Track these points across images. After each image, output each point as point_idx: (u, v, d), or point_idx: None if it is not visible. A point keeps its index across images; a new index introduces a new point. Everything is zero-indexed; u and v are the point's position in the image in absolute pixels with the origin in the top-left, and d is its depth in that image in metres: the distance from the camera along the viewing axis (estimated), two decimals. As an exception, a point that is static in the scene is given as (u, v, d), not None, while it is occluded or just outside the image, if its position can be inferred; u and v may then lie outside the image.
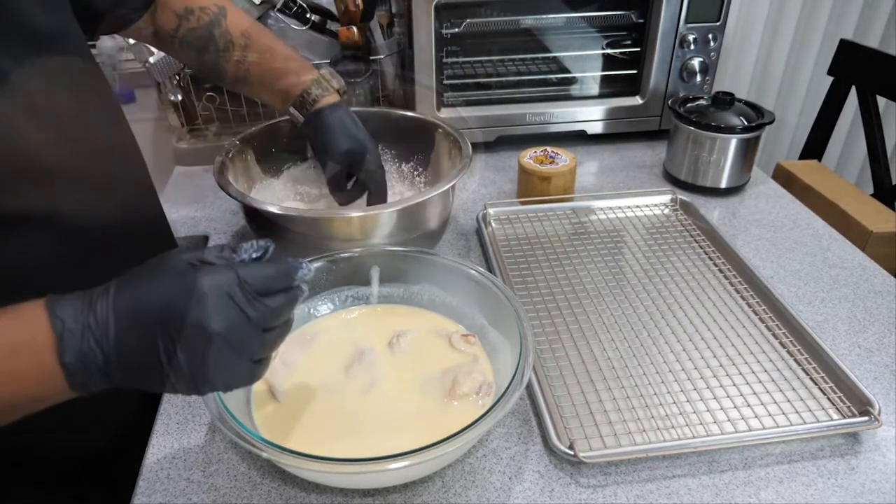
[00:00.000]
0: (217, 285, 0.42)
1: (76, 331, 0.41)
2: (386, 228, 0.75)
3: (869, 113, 1.32)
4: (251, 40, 0.76)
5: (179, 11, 0.73)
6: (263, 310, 0.43)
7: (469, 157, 0.81)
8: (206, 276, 0.42)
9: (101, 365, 0.41)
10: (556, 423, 0.61)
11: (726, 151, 0.98)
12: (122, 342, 0.41)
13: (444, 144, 0.90)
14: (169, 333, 0.41)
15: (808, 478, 0.58)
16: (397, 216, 0.75)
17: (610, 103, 1.16)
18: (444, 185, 0.76)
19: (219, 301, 0.41)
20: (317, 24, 1.14)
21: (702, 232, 0.91)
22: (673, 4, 1.06)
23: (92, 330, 0.41)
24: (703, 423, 0.61)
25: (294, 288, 0.46)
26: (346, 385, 0.62)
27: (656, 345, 0.71)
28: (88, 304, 0.42)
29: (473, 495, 0.57)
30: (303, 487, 0.57)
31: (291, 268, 0.46)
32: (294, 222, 0.76)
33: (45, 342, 0.41)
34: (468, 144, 0.84)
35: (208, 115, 1.17)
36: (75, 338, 0.41)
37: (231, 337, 0.42)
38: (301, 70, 0.78)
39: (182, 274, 0.42)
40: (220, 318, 0.41)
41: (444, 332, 0.68)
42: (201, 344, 0.41)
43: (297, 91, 0.78)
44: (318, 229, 0.75)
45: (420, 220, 0.79)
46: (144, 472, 0.59)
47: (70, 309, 0.42)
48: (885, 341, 0.73)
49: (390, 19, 1.17)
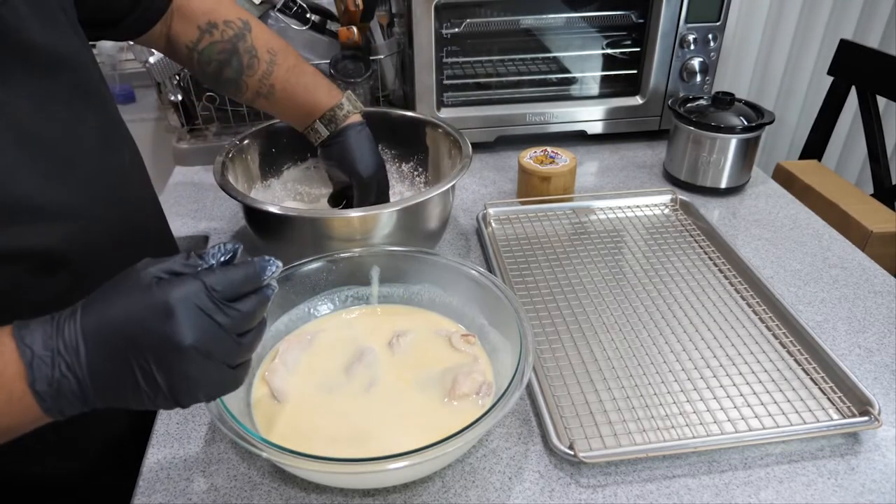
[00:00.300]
0: (185, 297, 0.41)
1: (46, 357, 0.40)
2: (386, 228, 0.75)
3: (869, 113, 1.32)
4: (277, 57, 0.75)
5: (202, 25, 0.72)
6: (235, 315, 0.43)
7: (469, 157, 0.81)
8: (172, 289, 0.41)
9: (76, 390, 0.41)
10: (556, 423, 0.61)
11: (726, 151, 0.98)
12: (94, 364, 0.41)
13: (443, 144, 0.90)
14: (141, 352, 0.40)
15: (808, 478, 0.58)
16: (397, 216, 0.75)
17: (610, 103, 1.16)
18: (444, 185, 0.76)
19: (188, 313, 0.41)
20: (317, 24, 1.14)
21: (702, 232, 0.91)
22: (673, 4, 1.06)
23: (62, 355, 0.40)
24: (703, 423, 0.61)
25: (263, 287, 0.45)
26: (346, 385, 0.62)
27: (656, 345, 0.71)
28: (56, 328, 0.41)
29: (473, 495, 0.57)
30: (303, 487, 0.57)
31: (259, 267, 0.45)
32: (294, 222, 0.76)
33: (16, 372, 0.40)
34: (468, 144, 0.84)
35: (208, 115, 1.17)
36: (46, 365, 0.40)
37: (205, 347, 0.41)
38: (331, 87, 0.79)
39: (148, 288, 0.41)
40: (192, 330, 0.41)
41: (444, 332, 0.68)
42: (175, 359, 0.41)
43: (327, 106, 0.78)
44: (317, 229, 0.75)
45: (420, 220, 0.79)
46: (144, 472, 0.59)
47: (38, 335, 0.41)
48: (885, 341, 0.73)
49: (390, 19, 1.17)
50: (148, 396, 0.42)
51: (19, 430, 0.43)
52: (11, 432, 0.42)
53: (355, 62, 1.11)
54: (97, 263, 0.60)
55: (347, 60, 1.11)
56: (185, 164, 1.15)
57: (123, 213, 0.64)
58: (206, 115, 1.17)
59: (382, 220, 0.75)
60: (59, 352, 0.40)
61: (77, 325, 0.41)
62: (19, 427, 0.42)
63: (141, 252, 0.67)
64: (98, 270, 0.60)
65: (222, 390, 0.45)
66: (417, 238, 0.79)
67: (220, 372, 0.43)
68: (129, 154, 0.67)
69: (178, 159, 1.16)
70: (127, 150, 0.67)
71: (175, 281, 0.42)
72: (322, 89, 0.78)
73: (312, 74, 0.78)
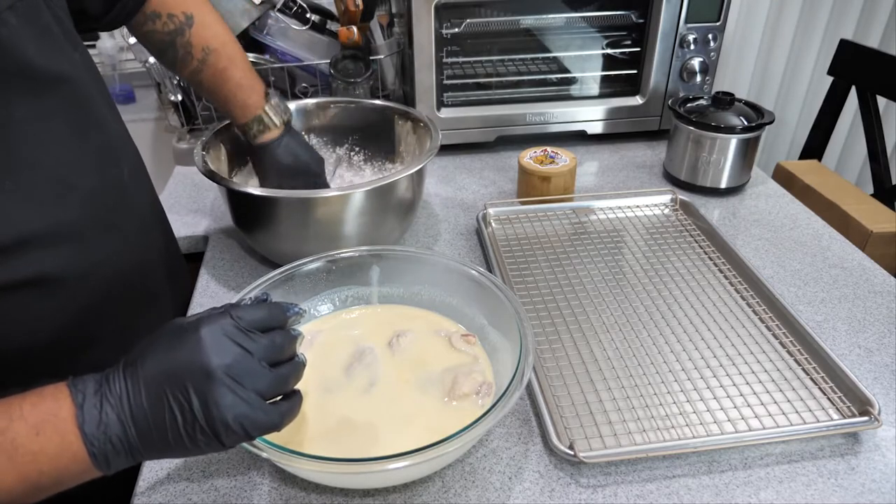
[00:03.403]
0: (211, 328, 0.44)
1: (95, 401, 0.42)
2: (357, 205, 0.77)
3: (869, 113, 1.32)
4: (209, 57, 0.76)
5: (147, 11, 0.73)
6: (262, 341, 0.45)
7: (437, 144, 0.83)
8: (202, 324, 0.44)
9: (121, 434, 0.42)
10: (556, 423, 0.61)
11: (726, 151, 0.98)
12: (136, 405, 0.42)
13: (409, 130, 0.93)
14: (175, 382, 0.42)
15: (808, 478, 0.58)
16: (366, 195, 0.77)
17: (610, 103, 1.16)
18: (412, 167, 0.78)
19: (215, 340, 0.43)
20: (317, 24, 1.14)
21: (702, 232, 0.91)
22: (673, 4, 1.06)
23: (108, 399, 0.43)
24: (703, 423, 0.61)
25: (289, 323, 0.48)
26: (346, 385, 0.62)
27: (656, 345, 0.71)
28: (105, 377, 0.44)
29: (473, 495, 0.57)
30: (303, 487, 0.58)
31: (284, 306, 0.48)
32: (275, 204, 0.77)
33: (68, 414, 0.42)
34: (437, 131, 0.86)
35: (208, 114, 1.17)
36: (95, 408, 0.42)
37: (233, 372, 0.43)
38: (248, 99, 0.79)
39: (181, 329, 0.44)
40: (219, 354, 0.43)
41: (444, 332, 0.68)
42: (207, 384, 0.42)
43: (241, 121, 0.80)
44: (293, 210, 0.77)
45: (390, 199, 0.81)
46: (144, 472, 0.59)
47: (90, 383, 0.43)
48: (885, 341, 0.73)
49: (390, 19, 1.17)
50: (188, 433, 0.43)
51: (65, 483, 0.43)
52: (58, 485, 0.43)
53: (355, 62, 1.11)
54: (96, 283, 0.60)
55: (347, 60, 1.11)
56: (185, 164, 1.15)
57: (122, 230, 0.64)
58: (206, 115, 1.17)
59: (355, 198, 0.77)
60: (105, 396, 0.43)
61: (120, 372, 0.44)
62: (66, 478, 0.43)
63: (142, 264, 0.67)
64: (97, 289, 0.60)
65: (259, 424, 0.44)
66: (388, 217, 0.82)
67: (254, 402, 0.44)
68: (129, 166, 0.67)
69: (178, 159, 1.16)
70: (126, 164, 0.66)
71: (204, 317, 0.45)
72: (237, 101, 0.78)
73: (235, 84, 0.78)
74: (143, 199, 0.71)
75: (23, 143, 0.53)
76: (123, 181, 0.65)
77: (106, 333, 0.62)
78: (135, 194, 0.68)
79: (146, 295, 0.69)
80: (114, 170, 0.64)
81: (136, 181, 0.69)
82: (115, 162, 0.64)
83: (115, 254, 0.62)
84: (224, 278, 0.85)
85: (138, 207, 0.69)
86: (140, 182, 0.70)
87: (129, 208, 0.66)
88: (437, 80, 1.08)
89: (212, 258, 0.89)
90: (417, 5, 1.01)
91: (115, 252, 0.62)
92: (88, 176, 0.59)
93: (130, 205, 0.66)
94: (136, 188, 0.69)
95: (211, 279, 0.85)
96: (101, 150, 0.62)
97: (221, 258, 0.89)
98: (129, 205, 0.66)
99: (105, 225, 0.61)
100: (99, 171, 0.61)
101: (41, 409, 0.42)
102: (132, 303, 0.66)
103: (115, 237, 0.63)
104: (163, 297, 0.73)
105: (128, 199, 0.66)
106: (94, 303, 0.60)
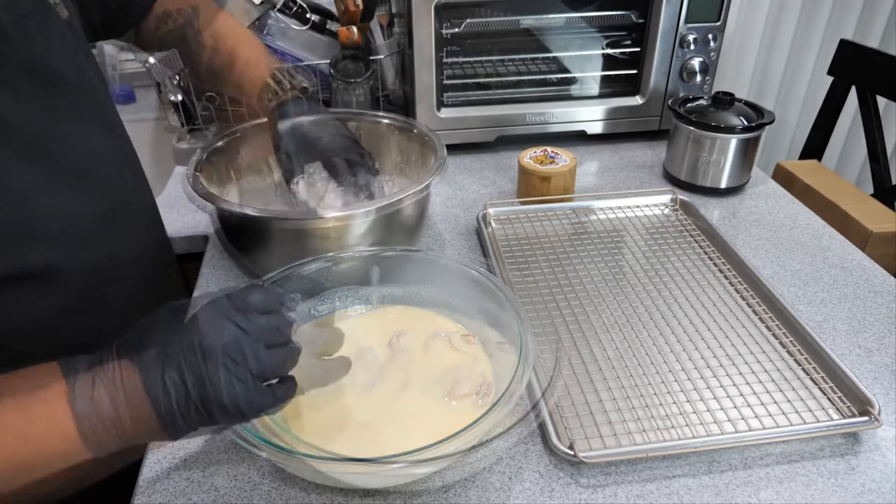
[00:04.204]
0: (208, 308, 0.44)
1: (87, 378, 0.42)
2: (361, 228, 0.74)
3: (869, 113, 1.32)
4: (218, 44, 0.77)
5: (159, 14, 0.75)
6: (257, 321, 0.44)
7: (444, 158, 0.80)
8: (198, 304, 0.45)
9: (112, 414, 0.41)
10: (556, 423, 0.61)
11: (726, 151, 0.98)
12: (129, 384, 0.42)
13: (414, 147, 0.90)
14: (171, 359, 0.42)
15: (808, 478, 0.58)
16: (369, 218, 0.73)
17: (610, 103, 1.16)
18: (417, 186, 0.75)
19: (211, 319, 0.43)
20: (317, 24, 1.14)
21: (702, 232, 0.91)
22: (673, 4, 1.06)
23: (101, 377, 0.42)
24: (703, 423, 0.61)
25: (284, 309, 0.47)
26: (347, 385, 0.62)
27: (656, 345, 0.71)
28: (98, 357, 0.43)
29: (473, 495, 0.57)
30: (303, 487, 0.57)
31: (280, 292, 0.48)
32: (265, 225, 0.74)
33: (59, 392, 0.41)
34: (443, 146, 0.83)
35: (208, 114, 1.17)
36: (87, 386, 0.41)
37: (229, 349, 0.42)
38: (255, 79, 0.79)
39: (178, 310, 0.45)
40: (215, 333, 0.43)
41: (444, 333, 0.67)
42: (201, 360, 0.42)
43: (253, 98, 0.80)
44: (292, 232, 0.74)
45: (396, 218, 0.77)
46: (144, 472, 0.59)
47: (83, 362, 0.43)
48: (885, 341, 0.73)
49: (390, 19, 1.17)
50: (181, 412, 0.42)
51: (54, 465, 0.43)
52: (47, 466, 0.42)
53: (355, 62, 1.11)
54: (96, 279, 0.60)
55: (347, 60, 1.11)
56: (185, 164, 1.14)
57: (123, 230, 0.65)
58: (206, 115, 1.17)
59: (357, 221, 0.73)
60: (98, 375, 0.42)
61: (114, 352, 0.43)
62: (55, 459, 0.42)
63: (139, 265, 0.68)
64: (97, 286, 0.61)
65: (254, 404, 0.44)
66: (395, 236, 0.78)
67: (249, 382, 0.43)
68: (132, 172, 0.69)
69: (178, 159, 1.16)
70: (130, 170, 0.68)
71: (200, 298, 0.45)
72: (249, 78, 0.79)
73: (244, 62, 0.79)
74: (144, 198, 0.71)
75: (38, 136, 0.55)
76: (128, 180, 0.66)
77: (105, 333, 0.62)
78: (135, 194, 0.68)
79: (144, 294, 0.69)
80: (121, 168, 0.65)
81: (138, 181, 0.70)
82: (123, 161, 0.66)
83: (115, 251, 0.63)
84: (224, 278, 0.85)
85: (139, 207, 0.69)
86: (141, 183, 0.71)
87: (132, 208, 0.67)
88: (437, 80, 1.07)
89: (212, 258, 0.89)
90: (417, 5, 1.01)
91: (116, 249, 0.63)
92: (98, 175, 0.61)
93: (132, 204, 0.67)
94: (138, 188, 0.70)
95: (211, 279, 0.85)
96: (110, 149, 0.63)
97: (221, 258, 0.89)
98: (132, 204, 0.67)
99: (110, 221, 0.62)
100: (107, 172, 0.62)
101: (31, 386, 0.41)
102: (131, 302, 0.66)
103: (117, 234, 0.63)
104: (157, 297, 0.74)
105: (131, 199, 0.67)
106: (92, 298, 0.61)
